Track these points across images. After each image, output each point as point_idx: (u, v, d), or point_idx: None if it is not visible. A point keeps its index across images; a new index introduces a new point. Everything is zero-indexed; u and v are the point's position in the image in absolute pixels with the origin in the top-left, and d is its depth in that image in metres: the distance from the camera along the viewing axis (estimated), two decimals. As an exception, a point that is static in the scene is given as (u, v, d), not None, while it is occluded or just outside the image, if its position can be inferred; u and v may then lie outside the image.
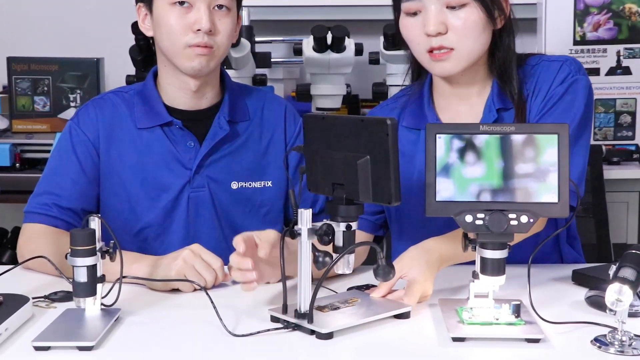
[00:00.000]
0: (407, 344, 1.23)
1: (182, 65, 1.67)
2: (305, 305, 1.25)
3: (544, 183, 1.22)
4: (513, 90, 1.59)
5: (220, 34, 1.66)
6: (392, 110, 1.73)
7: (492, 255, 1.24)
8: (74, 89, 2.84)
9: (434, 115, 1.65)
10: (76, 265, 1.27)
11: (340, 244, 1.28)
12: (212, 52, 1.65)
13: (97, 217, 1.29)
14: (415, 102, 1.69)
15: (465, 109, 1.64)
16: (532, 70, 1.62)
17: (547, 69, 1.60)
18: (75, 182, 1.70)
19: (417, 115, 1.67)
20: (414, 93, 1.70)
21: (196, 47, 1.64)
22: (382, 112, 1.75)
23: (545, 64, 1.61)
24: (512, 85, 1.59)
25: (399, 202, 1.20)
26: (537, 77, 1.60)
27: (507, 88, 1.60)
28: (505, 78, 1.60)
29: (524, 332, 1.22)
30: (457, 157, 1.24)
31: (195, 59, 1.65)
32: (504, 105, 1.60)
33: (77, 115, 1.76)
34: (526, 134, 1.23)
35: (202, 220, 1.75)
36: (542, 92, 1.59)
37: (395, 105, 1.74)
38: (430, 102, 1.67)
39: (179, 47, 1.65)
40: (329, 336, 1.22)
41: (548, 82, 1.59)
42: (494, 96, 1.61)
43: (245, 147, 1.78)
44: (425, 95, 1.67)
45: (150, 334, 1.28)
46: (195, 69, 1.66)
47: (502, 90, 1.60)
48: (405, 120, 1.68)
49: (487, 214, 1.22)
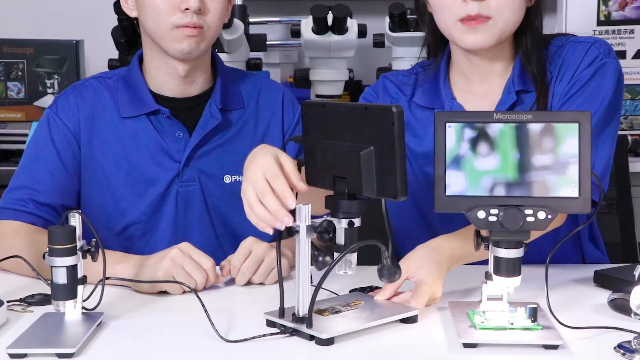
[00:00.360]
0: (414, 350, 1.23)
1: (169, 48, 1.66)
2: (304, 309, 1.25)
3: (564, 176, 1.22)
4: (537, 70, 1.59)
5: (210, 12, 1.66)
6: (405, 84, 1.73)
7: (507, 255, 1.25)
8: (51, 74, 2.84)
9: (449, 93, 1.66)
10: (55, 266, 1.27)
11: (342, 242, 1.28)
12: (201, 32, 1.65)
13: (77, 213, 1.29)
14: (431, 78, 1.69)
15: (483, 89, 1.64)
16: (558, 52, 1.62)
17: (573, 50, 1.60)
18: (53, 176, 1.71)
19: (432, 93, 1.67)
20: (430, 68, 1.70)
21: (184, 28, 1.64)
22: (392, 83, 1.75)
23: (572, 45, 1.61)
24: (536, 65, 1.59)
25: (405, 197, 1.20)
26: (562, 58, 1.60)
27: (531, 68, 1.59)
28: (531, 57, 1.60)
29: (541, 337, 1.22)
30: (468, 148, 1.24)
31: (184, 40, 1.65)
32: (524, 87, 1.60)
33: (55, 102, 1.77)
34: (544, 122, 1.23)
35: (192, 217, 1.76)
36: (567, 75, 1.59)
37: (409, 79, 1.74)
38: (446, 79, 1.67)
39: (166, 29, 1.64)
40: (329, 342, 1.23)
41: (574, 65, 1.59)
42: (514, 77, 1.61)
43: (239, 138, 1.78)
44: (442, 72, 1.68)
45: (136, 340, 1.28)
46: (184, 51, 1.66)
47: (525, 71, 1.60)
48: (418, 97, 1.69)
49: (502, 209, 1.22)
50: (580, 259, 1.76)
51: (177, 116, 1.74)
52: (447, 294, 1.44)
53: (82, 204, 1.74)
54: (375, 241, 1.25)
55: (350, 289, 1.48)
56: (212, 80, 1.79)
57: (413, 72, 1.75)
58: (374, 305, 1.36)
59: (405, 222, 1.75)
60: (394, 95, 1.73)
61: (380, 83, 1.77)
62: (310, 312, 1.24)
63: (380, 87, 1.76)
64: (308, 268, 1.26)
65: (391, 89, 1.74)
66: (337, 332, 1.24)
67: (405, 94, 1.72)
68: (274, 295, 1.35)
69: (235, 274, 1.54)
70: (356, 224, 1.28)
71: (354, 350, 1.22)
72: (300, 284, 1.26)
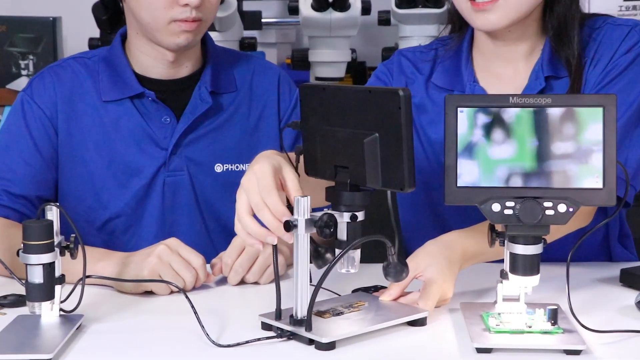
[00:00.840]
0: (423, 355, 1.23)
1: (164, 41, 1.67)
2: (303, 310, 1.26)
3: (586, 165, 1.22)
4: (571, 54, 1.57)
5: (209, 3, 1.66)
6: (422, 61, 1.73)
7: (524, 251, 1.25)
8: (25, 54, 2.83)
9: (471, 75, 1.65)
10: (30, 264, 1.27)
11: (344, 237, 1.28)
12: (199, 25, 1.66)
13: (55, 206, 1.29)
14: (451, 57, 1.69)
15: (508, 72, 1.64)
16: (594, 35, 1.60)
17: (611, 34, 1.59)
18: (28, 165, 1.71)
19: (452, 73, 1.67)
20: (451, 46, 1.70)
21: (182, 22, 1.63)
22: (408, 61, 1.74)
23: (610, 27, 1.60)
24: (570, 49, 1.57)
25: (412, 188, 1.20)
26: (598, 42, 1.59)
27: (564, 51, 1.58)
28: (563, 39, 1.58)
29: (562, 342, 1.22)
30: (482, 135, 1.24)
31: (181, 35, 1.65)
32: (555, 72, 1.59)
33: (30, 85, 1.77)
34: (565, 106, 1.23)
35: (180, 210, 1.76)
36: (602, 61, 1.57)
37: (427, 56, 1.73)
38: (469, 59, 1.67)
39: (162, 22, 1.64)
40: (330, 346, 1.23)
41: (611, 50, 1.57)
42: (544, 61, 1.60)
43: (231, 123, 1.79)
44: (464, 51, 1.67)
45: (118, 344, 1.28)
46: (180, 45, 1.66)
47: (556, 54, 1.59)
48: (437, 76, 1.69)
49: (518, 202, 1.22)
50: (608, 261, 1.75)
51: (164, 100, 1.74)
52: (459, 295, 1.44)
53: (60, 196, 1.75)
54: (380, 236, 1.25)
55: (353, 288, 1.48)
56: (202, 61, 1.79)
57: (432, 48, 1.74)
58: (379, 306, 1.37)
59: (415, 216, 1.75)
60: (410, 74, 1.72)
61: (395, 60, 1.76)
62: (310, 314, 1.24)
63: (395, 64, 1.75)
64: (307, 266, 1.26)
65: (407, 67, 1.74)
66: (338, 336, 1.24)
67: (423, 72, 1.71)
68: (269, 295, 1.35)
69: (227, 273, 1.54)
70: (359, 218, 1.28)
71: (357, 356, 1.22)
72: (299, 283, 1.26)
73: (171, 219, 1.75)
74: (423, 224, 1.72)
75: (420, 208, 1.73)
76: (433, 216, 1.71)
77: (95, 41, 2.72)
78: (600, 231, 1.72)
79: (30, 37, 2.83)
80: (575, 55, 1.57)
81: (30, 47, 2.83)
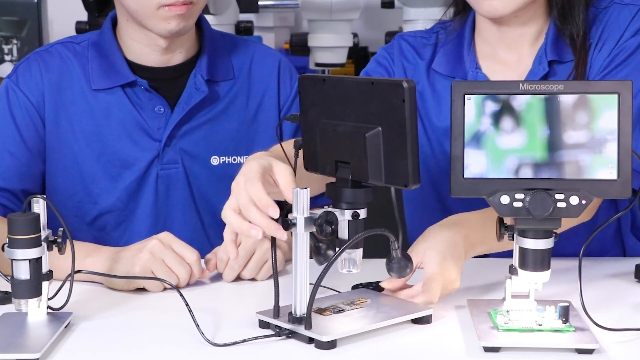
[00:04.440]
0: (428, 355, 1.24)
1: (154, 28, 1.66)
2: (302, 308, 1.26)
3: (600, 155, 1.22)
4: (576, 31, 1.57)
5: None
6: (424, 46, 1.73)
7: (534, 246, 1.25)
8: (8, 38, 2.82)
9: (473, 61, 1.65)
10: (16, 259, 1.27)
11: (346, 236, 1.28)
12: (190, 9, 1.65)
13: (41, 198, 1.29)
14: (453, 42, 1.69)
15: (512, 58, 1.64)
16: (600, 15, 1.60)
17: (618, 14, 1.59)
18: (13, 157, 1.71)
19: (453, 60, 1.67)
20: (453, 30, 1.70)
21: (172, 7, 1.63)
22: (409, 45, 1.74)
23: (617, 7, 1.59)
24: (575, 27, 1.57)
25: (417, 185, 1.20)
26: (605, 23, 1.59)
27: (568, 30, 1.58)
28: (567, 17, 1.58)
29: (573, 340, 1.23)
30: (490, 124, 1.24)
31: (172, 20, 1.64)
32: (558, 56, 1.59)
33: (15, 71, 1.76)
34: (578, 93, 1.23)
35: (175, 204, 1.76)
36: (608, 44, 1.57)
37: (428, 39, 1.73)
38: (471, 45, 1.67)
39: (150, 8, 1.63)
40: (331, 345, 1.23)
41: (618, 32, 1.57)
42: (547, 44, 1.60)
43: (228, 113, 1.79)
44: (466, 37, 1.67)
45: (109, 343, 1.29)
46: (172, 31, 1.66)
47: (561, 36, 1.59)
48: (439, 63, 1.69)
49: (528, 194, 1.22)
50: (621, 253, 1.76)
51: (157, 88, 1.74)
52: (465, 291, 1.44)
53: (48, 189, 1.75)
54: (383, 230, 1.26)
55: (354, 284, 1.48)
56: (197, 47, 1.79)
57: (433, 32, 1.75)
58: (381, 303, 1.37)
59: (421, 208, 1.75)
60: (411, 59, 1.73)
61: (396, 44, 1.76)
62: (309, 312, 1.25)
63: (396, 48, 1.75)
64: (307, 263, 1.26)
65: (408, 51, 1.74)
66: (339, 334, 1.25)
67: (424, 58, 1.72)
68: (267, 292, 1.36)
69: (222, 269, 1.54)
70: (361, 216, 1.28)
71: (359, 355, 1.23)
72: (298, 280, 1.26)
73: (165, 213, 1.76)
74: (428, 217, 1.72)
75: (424, 200, 1.73)
76: (438, 207, 1.71)
77: (82, 25, 2.71)
78: (613, 223, 1.72)
79: (13, 20, 2.82)
80: (580, 34, 1.57)
81: (14, 31, 2.82)
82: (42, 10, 2.82)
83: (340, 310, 1.33)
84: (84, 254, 1.50)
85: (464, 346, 1.25)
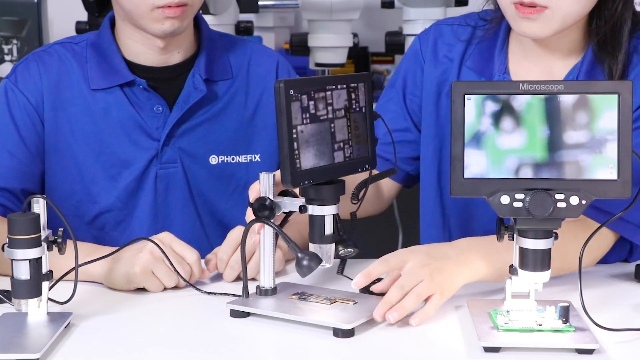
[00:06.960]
0: (428, 354, 1.25)
1: (149, 28, 1.66)
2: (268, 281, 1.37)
3: (600, 155, 1.23)
4: (615, 64, 1.52)
5: None
6: (458, 41, 1.68)
7: (534, 246, 1.26)
8: (8, 38, 2.82)
9: (503, 64, 1.62)
10: (16, 259, 1.28)
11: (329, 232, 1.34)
12: (185, 10, 1.65)
13: (42, 198, 1.29)
14: (488, 39, 1.65)
15: (542, 68, 1.60)
16: (639, 48, 1.55)
17: None
18: (13, 156, 1.71)
19: (484, 59, 1.64)
20: (491, 25, 1.66)
21: (165, 9, 1.63)
22: (444, 41, 1.70)
23: None
24: (615, 59, 1.52)
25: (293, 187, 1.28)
26: None
27: (607, 60, 1.53)
28: (608, 47, 1.53)
29: (573, 341, 1.23)
30: (490, 124, 1.25)
31: (166, 21, 1.64)
32: None
33: (14, 72, 1.77)
34: (578, 93, 1.23)
35: (174, 204, 1.77)
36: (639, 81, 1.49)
37: (464, 34, 1.69)
38: (504, 46, 1.64)
39: (144, 9, 1.63)
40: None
41: None
42: (582, 66, 1.55)
43: (226, 113, 1.79)
44: (502, 35, 1.64)
45: (109, 343, 1.29)
46: (166, 32, 1.66)
47: (598, 63, 1.55)
48: (471, 58, 1.66)
49: (528, 194, 1.23)
50: (627, 255, 1.75)
51: (156, 88, 1.74)
52: (465, 291, 1.44)
53: (47, 190, 1.75)
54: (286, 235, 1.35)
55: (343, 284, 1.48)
56: (195, 46, 1.79)
57: (470, 24, 1.70)
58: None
59: (428, 210, 1.74)
60: (442, 57, 1.69)
61: (432, 37, 1.71)
62: None
63: (431, 44, 1.71)
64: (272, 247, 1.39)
65: (442, 47, 1.70)
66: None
67: (457, 54, 1.68)
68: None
69: (222, 269, 1.55)
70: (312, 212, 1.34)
71: (358, 355, 1.23)
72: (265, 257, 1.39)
73: (164, 213, 1.76)
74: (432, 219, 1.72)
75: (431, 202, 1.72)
76: (438, 209, 1.71)
77: (82, 25, 2.71)
78: None
79: (13, 20, 2.82)
80: (620, 66, 1.53)
81: (14, 31, 2.82)
82: (42, 11, 2.82)
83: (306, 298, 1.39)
84: (84, 253, 1.50)
85: (464, 346, 1.25)
